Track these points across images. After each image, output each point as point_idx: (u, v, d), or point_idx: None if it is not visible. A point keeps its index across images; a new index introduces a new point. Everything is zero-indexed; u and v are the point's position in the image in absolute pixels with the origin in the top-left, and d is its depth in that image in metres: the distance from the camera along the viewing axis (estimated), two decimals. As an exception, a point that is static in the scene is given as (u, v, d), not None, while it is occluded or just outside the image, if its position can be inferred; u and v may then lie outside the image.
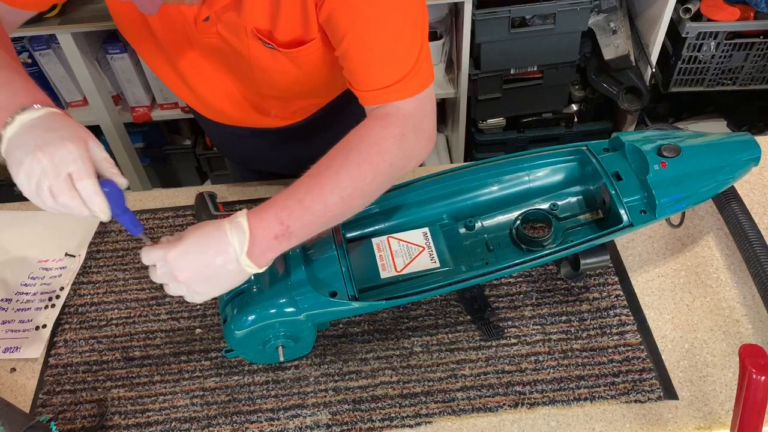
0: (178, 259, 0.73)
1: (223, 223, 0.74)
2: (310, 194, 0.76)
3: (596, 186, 0.97)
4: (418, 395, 0.89)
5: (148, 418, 0.89)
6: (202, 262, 0.73)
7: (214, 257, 0.73)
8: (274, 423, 0.88)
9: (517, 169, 0.99)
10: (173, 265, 0.73)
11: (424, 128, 0.84)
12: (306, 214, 0.75)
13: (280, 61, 0.89)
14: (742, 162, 0.95)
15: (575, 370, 0.90)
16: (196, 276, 0.74)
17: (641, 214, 0.90)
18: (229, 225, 0.74)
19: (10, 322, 1.00)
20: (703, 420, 0.85)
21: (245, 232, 0.73)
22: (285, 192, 0.77)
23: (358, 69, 0.82)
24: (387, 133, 0.79)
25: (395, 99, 0.81)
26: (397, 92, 0.81)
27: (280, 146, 1.14)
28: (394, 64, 0.80)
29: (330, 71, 0.92)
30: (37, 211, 1.15)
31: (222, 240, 0.73)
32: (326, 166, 0.77)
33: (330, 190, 0.76)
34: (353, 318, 0.97)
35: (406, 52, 0.81)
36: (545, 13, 1.84)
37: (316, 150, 0.83)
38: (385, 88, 0.81)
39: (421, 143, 0.84)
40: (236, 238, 0.73)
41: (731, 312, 0.96)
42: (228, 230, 0.73)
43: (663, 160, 0.89)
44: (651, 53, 1.99)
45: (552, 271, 1.01)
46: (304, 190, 0.76)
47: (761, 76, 2.06)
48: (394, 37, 0.80)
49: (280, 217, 0.74)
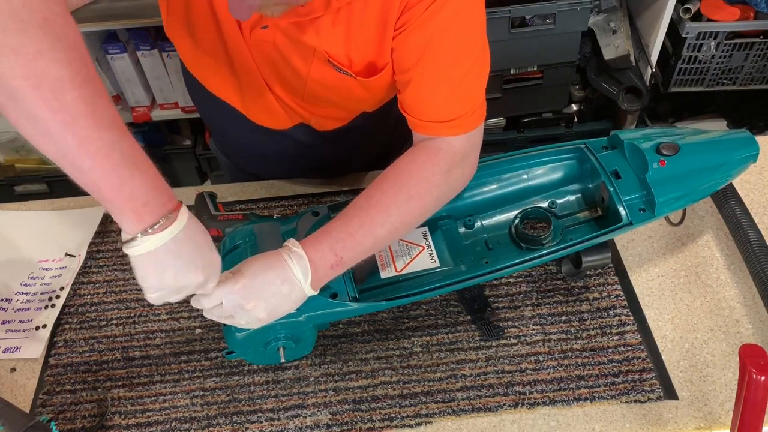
0: (246, 289, 0.76)
1: (281, 253, 0.78)
2: (362, 228, 0.80)
3: (595, 184, 0.97)
4: (418, 395, 0.89)
5: (148, 418, 0.89)
6: (270, 291, 0.77)
7: (281, 286, 0.77)
8: (274, 423, 0.88)
9: (516, 167, 0.99)
10: (243, 295, 0.76)
11: (470, 162, 0.88)
12: (357, 246, 0.80)
13: (347, 84, 0.89)
14: (741, 159, 0.95)
15: (575, 370, 0.90)
16: (264, 304, 0.77)
17: (640, 212, 0.90)
18: (288, 256, 0.78)
19: (10, 322, 1.00)
20: (703, 420, 0.85)
21: (305, 261, 0.77)
22: (337, 223, 0.81)
23: (419, 99, 0.84)
24: (436, 170, 0.83)
25: (450, 135, 0.84)
26: (453, 129, 0.84)
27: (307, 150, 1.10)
28: (457, 102, 0.83)
29: (389, 92, 0.95)
30: (37, 211, 1.15)
31: (285, 270, 0.77)
32: (377, 201, 0.82)
33: (380, 224, 0.81)
34: (353, 318, 0.97)
35: (468, 92, 0.84)
36: (545, 13, 1.84)
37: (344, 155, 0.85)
38: (443, 123, 0.83)
39: (466, 175, 0.88)
40: (299, 268, 0.77)
41: (731, 312, 0.96)
42: (288, 261, 0.77)
43: (662, 158, 0.89)
44: (651, 53, 1.99)
45: (552, 271, 1.01)
46: (356, 224, 0.80)
47: (761, 76, 2.06)
48: (461, 76, 0.82)
49: (334, 249, 0.79)
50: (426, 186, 0.83)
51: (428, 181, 0.83)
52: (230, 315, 0.78)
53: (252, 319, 0.78)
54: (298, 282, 0.77)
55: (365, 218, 0.81)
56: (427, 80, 0.82)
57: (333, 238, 0.79)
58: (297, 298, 0.79)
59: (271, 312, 0.78)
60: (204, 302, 0.77)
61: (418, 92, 0.84)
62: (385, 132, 1.14)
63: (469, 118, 0.84)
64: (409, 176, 0.83)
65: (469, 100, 0.84)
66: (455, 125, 0.84)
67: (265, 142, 1.09)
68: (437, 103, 0.84)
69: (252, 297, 0.76)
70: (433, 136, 0.85)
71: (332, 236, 0.79)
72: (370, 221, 0.80)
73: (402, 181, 0.82)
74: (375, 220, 0.81)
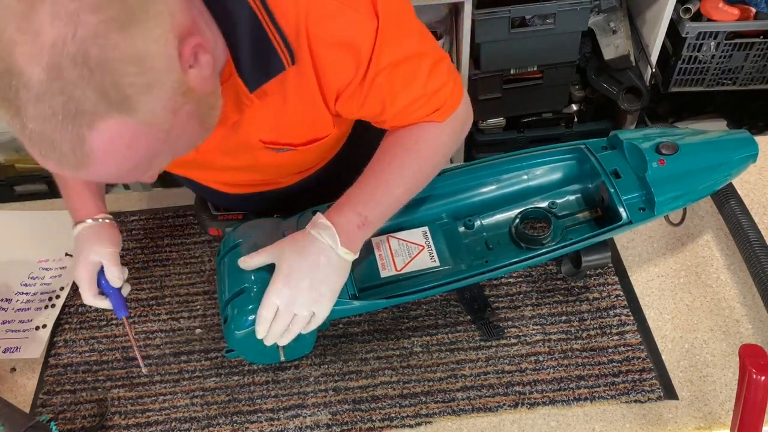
0: (289, 277, 0.79)
1: (305, 231, 0.81)
2: (379, 189, 0.84)
3: (595, 184, 0.97)
4: (418, 395, 0.89)
5: (148, 418, 0.89)
6: (308, 267, 0.79)
7: (317, 257, 0.79)
8: (274, 423, 0.88)
9: (515, 167, 0.99)
10: (288, 285, 0.78)
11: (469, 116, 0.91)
12: (378, 206, 0.84)
13: (295, 155, 0.89)
14: (740, 159, 0.95)
15: (575, 370, 0.90)
16: (310, 282, 0.79)
17: (640, 212, 0.90)
18: (312, 229, 0.81)
19: (10, 322, 1.00)
20: (703, 420, 0.85)
21: (331, 227, 0.80)
22: (355, 188, 0.84)
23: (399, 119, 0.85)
24: (442, 131, 0.87)
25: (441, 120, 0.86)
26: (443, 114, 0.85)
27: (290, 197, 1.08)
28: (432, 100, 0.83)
29: (346, 132, 0.96)
30: (37, 211, 1.15)
31: (315, 242, 0.80)
32: (388, 163, 0.85)
33: (395, 184, 0.85)
34: (353, 318, 0.97)
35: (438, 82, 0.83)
36: (545, 13, 1.84)
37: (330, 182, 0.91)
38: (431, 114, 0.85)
39: (468, 125, 0.92)
40: (326, 235, 0.80)
41: (731, 312, 0.96)
42: (314, 232, 0.80)
43: (661, 157, 0.90)
44: (651, 53, 1.99)
45: (552, 271, 1.01)
46: (373, 185, 0.84)
47: (761, 76, 2.06)
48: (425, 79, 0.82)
49: (356, 210, 0.82)
50: (435, 146, 0.87)
51: (436, 142, 0.87)
52: (293, 313, 0.79)
53: (312, 304, 0.79)
54: (330, 248, 0.79)
55: (381, 180, 0.84)
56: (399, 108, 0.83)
57: (353, 200, 0.83)
58: (338, 265, 0.80)
59: (319, 286, 0.79)
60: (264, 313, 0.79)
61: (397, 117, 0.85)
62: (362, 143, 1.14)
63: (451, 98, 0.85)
64: (416, 140, 0.86)
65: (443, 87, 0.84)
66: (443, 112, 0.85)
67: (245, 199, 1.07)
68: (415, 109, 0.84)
69: (296, 281, 0.78)
70: None
71: (352, 199, 0.83)
72: (386, 182, 0.84)
73: (410, 144, 0.86)
74: (390, 181, 0.85)
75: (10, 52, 0.54)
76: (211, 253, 1.08)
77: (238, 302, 0.83)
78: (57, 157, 0.58)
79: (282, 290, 0.79)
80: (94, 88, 0.55)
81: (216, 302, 1.01)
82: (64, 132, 0.56)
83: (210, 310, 1.00)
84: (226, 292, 0.85)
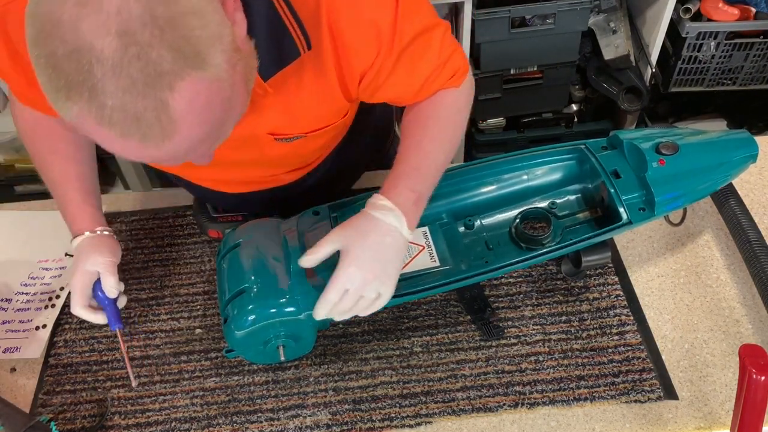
0: (359, 260, 0.78)
1: (366, 212, 0.81)
2: (423, 162, 0.85)
3: (595, 184, 0.97)
4: (418, 395, 0.89)
5: (148, 418, 0.89)
6: (376, 249, 0.79)
7: (383, 238, 0.80)
8: (274, 423, 0.88)
9: (515, 167, 0.99)
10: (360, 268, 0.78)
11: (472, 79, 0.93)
12: (426, 179, 0.85)
13: (304, 143, 0.89)
14: (740, 159, 0.95)
15: (575, 370, 0.90)
16: (381, 266, 0.79)
17: (640, 212, 0.90)
18: (374, 211, 0.81)
19: (10, 322, 1.00)
20: (703, 420, 0.85)
21: (395, 208, 0.80)
22: (400, 166, 0.85)
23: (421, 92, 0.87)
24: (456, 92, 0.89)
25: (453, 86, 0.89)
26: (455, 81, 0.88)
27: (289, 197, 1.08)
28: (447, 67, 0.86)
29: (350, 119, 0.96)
30: (37, 211, 1.15)
31: (378, 224, 0.80)
32: (422, 136, 0.87)
33: (436, 153, 0.87)
34: (353, 318, 0.97)
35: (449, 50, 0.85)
36: (545, 13, 1.84)
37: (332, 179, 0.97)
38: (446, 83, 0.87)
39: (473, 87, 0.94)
40: (391, 216, 0.80)
41: (731, 312, 0.96)
42: (377, 214, 0.80)
43: (661, 157, 0.90)
44: (651, 53, 1.99)
45: (552, 271, 1.01)
46: (416, 160, 0.85)
47: (761, 76, 2.06)
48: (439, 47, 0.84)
49: (409, 186, 0.83)
50: (455, 107, 0.90)
51: (455, 104, 0.89)
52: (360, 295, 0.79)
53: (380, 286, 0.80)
54: (395, 229, 0.80)
55: (421, 152, 0.86)
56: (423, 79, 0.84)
57: (404, 178, 0.83)
58: (402, 245, 0.81)
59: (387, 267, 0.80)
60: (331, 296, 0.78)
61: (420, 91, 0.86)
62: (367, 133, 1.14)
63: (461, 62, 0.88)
64: (437, 106, 0.88)
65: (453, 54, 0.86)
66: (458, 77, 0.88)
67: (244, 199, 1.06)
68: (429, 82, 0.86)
69: (368, 264, 0.78)
70: None
71: (402, 177, 0.83)
72: (427, 154, 0.86)
73: (434, 112, 0.88)
74: (431, 152, 0.86)
75: (75, 29, 0.52)
76: (211, 253, 1.08)
77: (239, 302, 0.83)
78: (142, 131, 0.56)
79: (354, 274, 0.78)
80: (168, 46, 0.54)
81: (216, 302, 1.01)
82: (147, 100, 0.54)
83: (210, 310, 1.00)
84: (227, 292, 0.85)
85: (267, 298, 0.83)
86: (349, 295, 0.79)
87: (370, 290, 0.79)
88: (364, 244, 0.79)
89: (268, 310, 0.82)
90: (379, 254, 0.79)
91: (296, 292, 0.83)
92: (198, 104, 0.57)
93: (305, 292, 0.83)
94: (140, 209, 1.16)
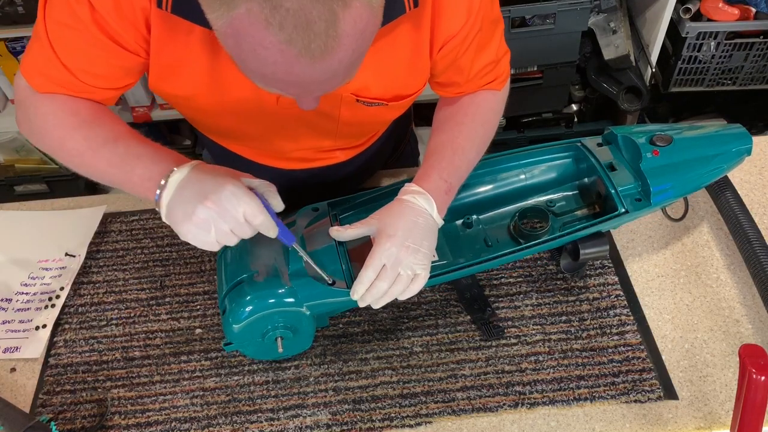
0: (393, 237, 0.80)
1: (401, 198, 0.84)
2: (456, 155, 0.88)
3: (591, 180, 0.98)
4: (418, 395, 0.89)
5: (148, 418, 0.89)
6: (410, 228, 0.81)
7: (416, 218, 0.82)
8: (274, 423, 0.88)
9: (513, 166, 1.00)
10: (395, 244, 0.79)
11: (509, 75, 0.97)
12: (458, 171, 0.88)
13: (380, 112, 0.90)
14: (735, 152, 0.96)
15: (575, 370, 0.90)
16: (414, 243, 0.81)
17: (636, 202, 0.90)
18: (405, 195, 0.84)
19: (10, 322, 1.00)
20: (703, 420, 0.85)
21: (425, 193, 0.84)
22: (433, 158, 0.88)
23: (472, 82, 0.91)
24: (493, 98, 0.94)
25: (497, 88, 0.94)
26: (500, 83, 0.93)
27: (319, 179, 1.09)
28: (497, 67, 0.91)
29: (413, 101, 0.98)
30: (37, 211, 1.15)
31: (411, 206, 0.83)
32: (459, 132, 0.90)
33: (469, 149, 0.90)
34: (353, 318, 0.97)
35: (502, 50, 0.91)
36: (545, 13, 1.84)
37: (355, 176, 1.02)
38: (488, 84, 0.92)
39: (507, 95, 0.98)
40: (421, 200, 0.83)
41: (731, 312, 0.96)
42: (412, 199, 0.83)
43: (655, 148, 0.91)
44: (651, 53, 1.99)
45: (552, 270, 1.02)
46: (450, 153, 0.88)
47: (761, 76, 2.06)
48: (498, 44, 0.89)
49: (442, 177, 0.86)
50: (491, 108, 0.94)
51: (490, 104, 0.94)
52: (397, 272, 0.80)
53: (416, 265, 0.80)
54: (427, 212, 0.83)
55: (456, 147, 0.89)
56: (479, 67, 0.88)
57: (437, 168, 0.87)
58: (433, 228, 0.84)
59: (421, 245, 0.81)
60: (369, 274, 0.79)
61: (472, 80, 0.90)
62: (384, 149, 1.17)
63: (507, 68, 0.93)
64: (475, 105, 0.92)
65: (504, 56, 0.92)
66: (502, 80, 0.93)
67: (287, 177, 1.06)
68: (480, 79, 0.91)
69: (402, 240, 0.80)
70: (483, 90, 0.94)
71: (435, 167, 0.87)
72: (462, 149, 0.89)
73: (472, 111, 0.92)
74: (465, 148, 0.90)
75: None
76: (211, 253, 1.08)
77: (237, 293, 0.83)
78: (307, 40, 0.57)
79: (389, 249, 0.79)
80: None
81: (216, 302, 1.01)
82: (322, 9, 0.56)
83: (210, 310, 1.00)
84: (225, 284, 0.85)
85: (265, 289, 0.83)
86: (386, 273, 0.79)
87: (406, 267, 0.80)
88: (397, 224, 0.81)
89: (266, 301, 0.82)
90: (412, 233, 0.81)
91: (294, 282, 0.83)
92: (359, 28, 0.59)
93: (303, 282, 0.83)
94: (140, 209, 1.16)
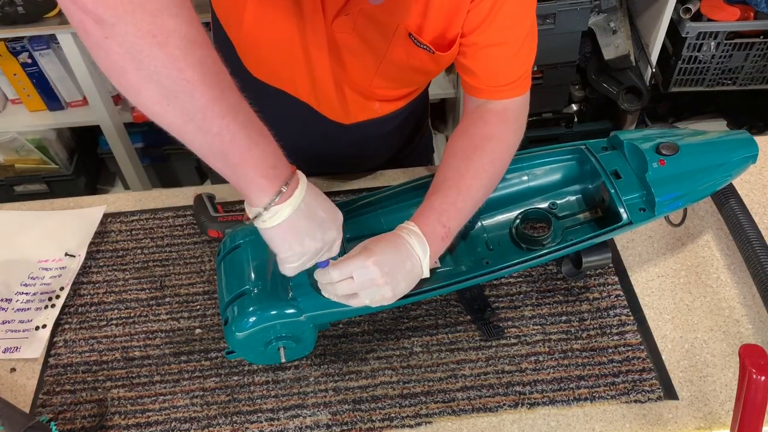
0: (379, 265, 0.76)
1: (399, 233, 0.80)
2: (460, 196, 0.84)
3: (595, 185, 0.97)
4: (418, 395, 0.89)
5: (148, 418, 0.89)
6: (397, 268, 0.78)
7: (405, 262, 0.78)
8: (274, 423, 0.88)
9: (516, 168, 0.99)
10: (375, 270, 0.76)
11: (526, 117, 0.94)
12: (460, 214, 0.84)
13: (422, 60, 0.88)
14: (740, 160, 0.95)
15: (575, 370, 0.90)
16: (392, 281, 0.77)
17: (640, 212, 0.90)
18: (408, 234, 0.80)
19: (10, 322, 1.00)
20: (703, 420, 0.85)
21: (422, 237, 0.80)
22: (436, 197, 0.84)
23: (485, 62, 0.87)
24: (508, 129, 0.90)
25: (513, 96, 0.89)
26: (516, 90, 0.89)
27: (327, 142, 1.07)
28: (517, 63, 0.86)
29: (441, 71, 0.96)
30: (37, 211, 1.15)
31: (407, 247, 0.79)
32: (466, 168, 0.86)
33: (475, 189, 0.86)
34: (353, 318, 0.97)
35: (527, 54, 0.87)
36: (545, 13, 1.84)
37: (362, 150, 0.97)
38: (507, 85, 0.88)
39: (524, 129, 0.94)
40: (417, 245, 0.79)
41: (731, 312, 0.96)
42: (408, 238, 0.80)
43: (661, 158, 0.90)
44: (651, 53, 1.99)
45: (552, 271, 1.01)
46: (454, 193, 0.84)
47: (761, 76, 2.06)
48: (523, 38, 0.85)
49: (441, 221, 0.82)
50: (504, 145, 0.89)
51: (506, 141, 0.89)
52: (355, 292, 0.77)
53: (378, 297, 0.78)
54: (418, 259, 0.79)
55: (462, 186, 0.84)
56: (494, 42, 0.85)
57: (437, 210, 0.83)
58: (416, 276, 0.80)
59: (395, 289, 0.78)
60: (334, 274, 0.76)
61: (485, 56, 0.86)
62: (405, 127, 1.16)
63: (526, 79, 0.89)
64: (488, 140, 0.87)
65: (527, 62, 0.88)
66: (517, 86, 0.88)
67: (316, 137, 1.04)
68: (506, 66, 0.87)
69: (383, 272, 0.76)
70: (497, 99, 0.89)
71: (436, 209, 0.83)
72: (467, 188, 0.85)
73: (482, 146, 0.87)
74: (471, 186, 0.85)
75: None
76: (211, 253, 1.08)
77: (239, 304, 0.83)
78: None
79: (369, 268, 0.75)
80: None
81: (216, 302, 1.01)
82: None
83: (210, 310, 1.00)
84: (227, 294, 0.85)
85: (267, 300, 0.83)
86: (352, 284, 0.77)
87: (370, 293, 0.78)
88: (386, 250, 0.78)
89: (269, 312, 0.82)
90: (396, 270, 0.78)
91: (296, 293, 0.83)
92: None
93: (305, 293, 0.83)
94: (140, 209, 1.16)
